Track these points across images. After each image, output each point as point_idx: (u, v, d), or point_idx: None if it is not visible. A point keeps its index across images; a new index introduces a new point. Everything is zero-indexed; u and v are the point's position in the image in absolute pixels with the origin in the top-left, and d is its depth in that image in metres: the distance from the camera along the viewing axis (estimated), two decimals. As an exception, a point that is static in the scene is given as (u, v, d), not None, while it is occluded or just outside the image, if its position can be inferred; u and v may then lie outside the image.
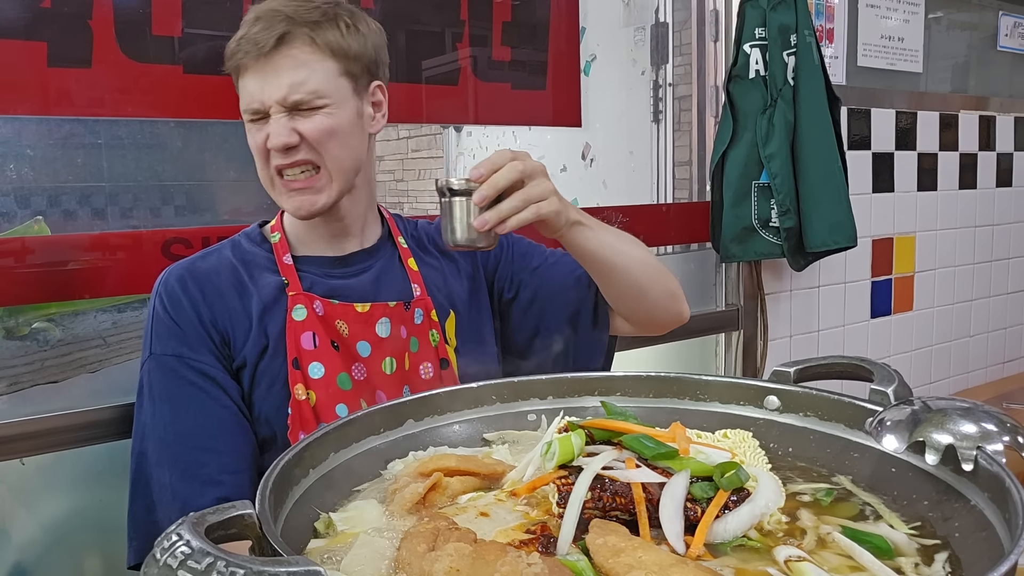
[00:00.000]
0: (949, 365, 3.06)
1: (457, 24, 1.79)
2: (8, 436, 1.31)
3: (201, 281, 1.24)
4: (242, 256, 1.28)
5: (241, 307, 1.24)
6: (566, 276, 1.37)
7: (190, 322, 1.21)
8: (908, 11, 2.80)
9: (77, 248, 1.37)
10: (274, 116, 1.18)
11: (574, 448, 0.73)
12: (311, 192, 1.22)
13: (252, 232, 1.33)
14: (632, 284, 1.26)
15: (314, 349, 1.21)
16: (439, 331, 1.30)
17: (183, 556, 0.49)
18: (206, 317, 1.21)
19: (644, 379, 0.93)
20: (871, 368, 0.84)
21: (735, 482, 0.68)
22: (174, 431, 1.16)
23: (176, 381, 1.18)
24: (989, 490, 0.64)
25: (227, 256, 1.28)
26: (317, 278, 1.27)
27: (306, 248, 1.31)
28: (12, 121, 1.42)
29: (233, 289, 1.25)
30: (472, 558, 0.59)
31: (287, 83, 1.16)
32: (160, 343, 1.20)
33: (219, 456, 1.16)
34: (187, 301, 1.22)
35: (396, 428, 0.87)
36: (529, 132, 2.99)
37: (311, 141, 1.19)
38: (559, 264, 1.39)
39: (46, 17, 1.32)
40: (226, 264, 1.27)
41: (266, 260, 1.28)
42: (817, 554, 0.65)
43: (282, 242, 1.29)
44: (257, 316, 1.23)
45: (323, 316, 1.23)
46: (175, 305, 1.22)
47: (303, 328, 1.22)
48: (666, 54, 2.45)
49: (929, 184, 2.92)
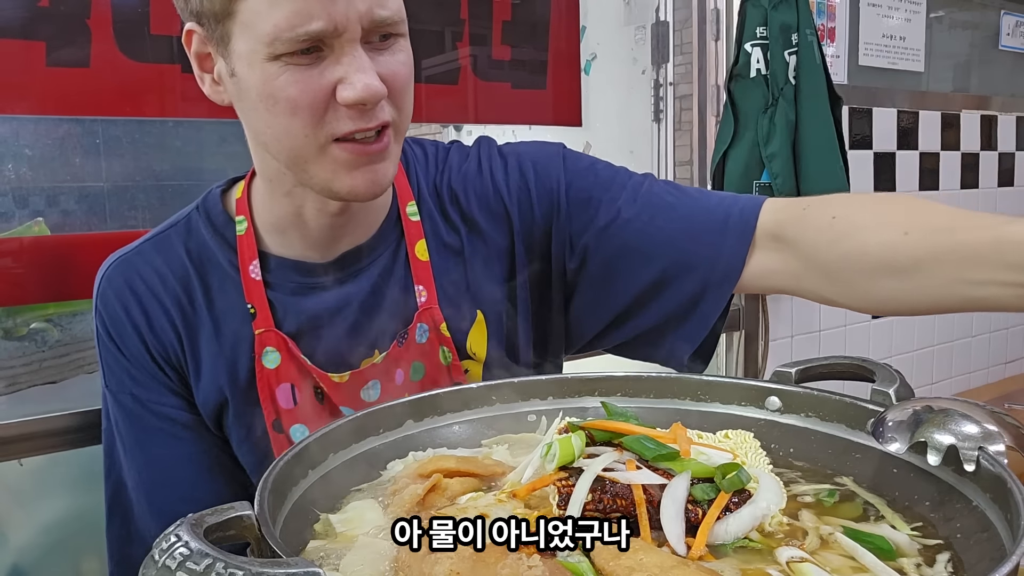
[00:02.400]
0: (951, 365, 3.06)
1: (457, 23, 1.79)
2: (6, 437, 1.31)
3: (143, 298, 0.98)
4: (198, 251, 0.99)
5: (189, 341, 0.98)
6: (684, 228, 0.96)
7: (138, 356, 0.98)
8: (910, 10, 2.80)
9: (76, 248, 1.37)
10: (349, 47, 0.81)
11: (574, 450, 0.72)
12: (383, 165, 0.87)
13: (212, 206, 1.01)
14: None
15: (294, 407, 0.97)
16: (450, 347, 1.01)
17: (182, 557, 0.49)
18: (155, 350, 0.98)
19: (644, 379, 0.92)
20: (873, 368, 0.84)
21: (736, 484, 0.68)
22: (150, 480, 1.00)
23: (140, 424, 1.00)
24: (991, 491, 0.64)
25: (177, 251, 1.00)
26: (291, 300, 0.98)
27: (282, 245, 0.99)
28: (10, 121, 1.41)
29: (178, 311, 0.98)
30: (473, 560, 0.58)
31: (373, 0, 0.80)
32: (113, 378, 1.00)
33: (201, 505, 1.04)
34: (130, 326, 0.98)
35: (396, 429, 0.86)
36: (529, 132, 2.98)
37: (395, 90, 0.85)
38: (657, 209, 0.98)
39: (44, 16, 1.32)
40: (175, 264, 0.99)
41: (227, 263, 0.99)
42: (819, 555, 0.64)
43: (249, 236, 0.98)
44: (212, 358, 0.97)
45: (301, 361, 0.97)
46: (118, 330, 0.99)
47: (278, 379, 0.96)
48: (667, 53, 2.44)
49: (931, 184, 2.92)
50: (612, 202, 1.00)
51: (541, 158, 1.06)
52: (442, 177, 1.05)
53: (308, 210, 0.96)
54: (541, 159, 1.06)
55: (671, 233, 0.98)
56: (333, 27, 0.79)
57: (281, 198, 0.97)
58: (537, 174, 1.05)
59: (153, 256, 1.00)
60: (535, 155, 1.07)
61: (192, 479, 1.01)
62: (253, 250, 0.98)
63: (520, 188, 1.04)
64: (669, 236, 0.98)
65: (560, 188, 1.03)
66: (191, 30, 0.89)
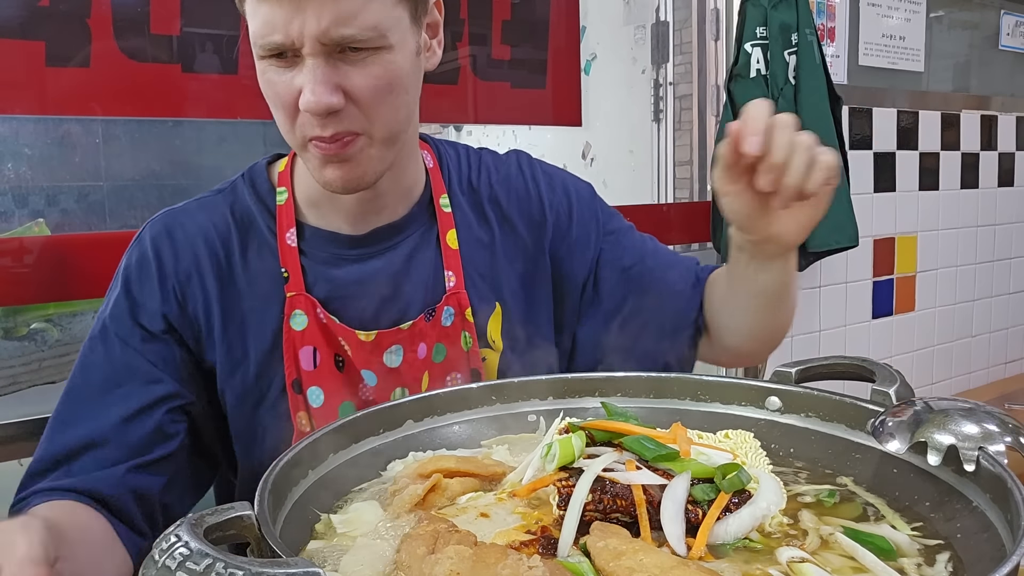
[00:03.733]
0: (951, 365, 3.06)
1: (457, 23, 1.79)
2: (6, 437, 1.31)
3: (178, 245, 1.01)
4: (241, 213, 1.04)
5: (219, 295, 1.01)
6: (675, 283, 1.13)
7: (153, 315, 1.00)
8: (909, 10, 2.80)
9: (76, 248, 1.37)
10: (309, 59, 0.85)
11: (575, 450, 0.72)
12: (352, 165, 0.92)
13: (258, 175, 1.07)
14: (780, 322, 1.07)
15: (314, 369, 1.00)
16: (472, 334, 1.06)
17: (182, 557, 0.49)
18: (173, 298, 1.00)
19: (644, 379, 0.92)
20: (873, 368, 0.84)
21: (736, 484, 0.68)
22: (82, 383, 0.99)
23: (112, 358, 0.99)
24: (991, 491, 0.64)
25: (222, 211, 1.04)
26: (322, 268, 1.03)
27: (318, 218, 1.04)
28: (10, 121, 1.42)
29: (213, 265, 1.01)
30: (473, 560, 0.58)
31: (332, 10, 0.83)
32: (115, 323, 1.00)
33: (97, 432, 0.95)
34: (155, 267, 1.00)
35: (396, 429, 0.86)
36: (529, 131, 2.99)
37: (361, 102, 0.89)
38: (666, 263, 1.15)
39: (44, 16, 1.32)
40: (219, 221, 1.03)
41: (266, 228, 1.04)
42: (819, 555, 0.64)
43: (288, 206, 1.03)
44: (241, 315, 1.01)
45: (326, 324, 1.01)
46: (142, 271, 1.01)
47: (302, 341, 1.00)
48: (667, 53, 2.45)
49: (931, 184, 2.92)
50: (635, 248, 1.16)
51: (583, 189, 1.20)
52: (479, 176, 1.14)
53: None
54: (584, 190, 1.20)
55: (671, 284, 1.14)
56: (291, 42, 0.84)
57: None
58: (580, 199, 1.17)
59: (198, 213, 1.04)
60: (577, 183, 1.20)
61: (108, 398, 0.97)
62: (291, 219, 1.03)
63: (562, 204, 1.16)
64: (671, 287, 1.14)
65: (599, 222, 1.17)
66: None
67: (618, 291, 1.14)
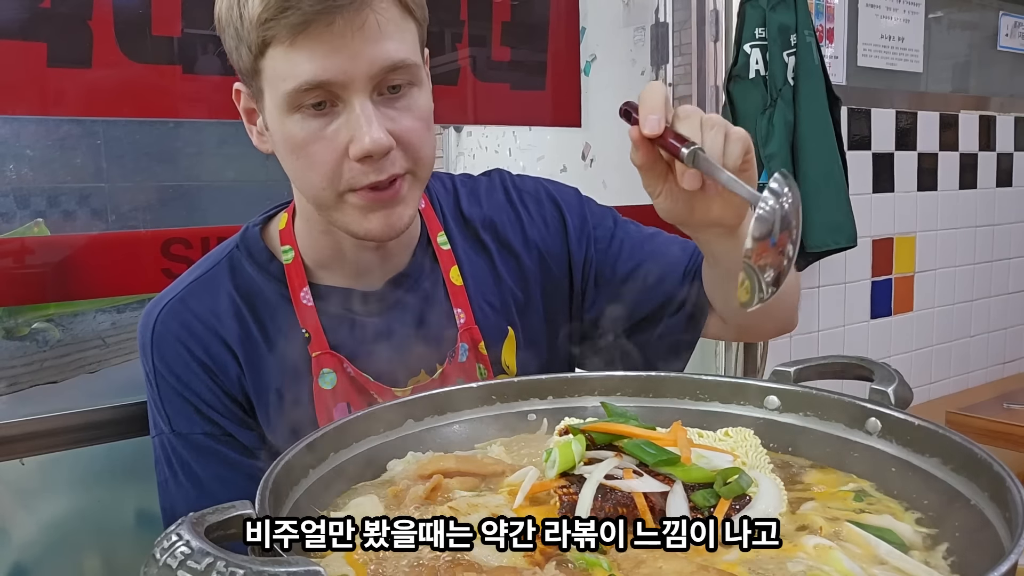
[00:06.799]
0: (949, 365, 3.06)
1: (456, 24, 1.79)
2: (7, 436, 1.31)
3: (203, 337, 0.99)
4: (246, 288, 1.02)
5: (251, 372, 1.00)
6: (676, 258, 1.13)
7: (207, 394, 0.99)
8: (908, 11, 2.80)
9: (76, 248, 1.37)
10: (357, 102, 0.84)
11: (574, 456, 0.72)
12: (399, 208, 0.91)
13: (253, 243, 1.04)
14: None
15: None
16: (486, 364, 1.08)
17: (183, 556, 0.49)
18: (223, 385, 1.00)
19: (644, 379, 0.93)
20: (871, 367, 0.84)
21: (736, 490, 0.68)
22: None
23: (217, 458, 1.00)
24: (989, 489, 0.64)
25: (226, 289, 1.02)
26: (342, 326, 1.01)
27: (328, 276, 1.03)
28: (11, 122, 1.42)
29: (239, 344, 1.00)
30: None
31: (379, 51, 0.82)
32: (182, 420, 0.99)
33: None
34: (196, 365, 0.99)
35: (396, 428, 0.86)
36: (529, 132, 2.99)
37: (405, 142, 0.88)
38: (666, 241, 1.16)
39: (45, 17, 1.32)
40: (226, 302, 1.01)
41: (276, 295, 1.02)
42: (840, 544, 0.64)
43: (297, 265, 1.02)
44: (273, 385, 1.00)
45: (355, 378, 1.01)
46: (184, 371, 0.99)
47: (335, 399, 1.00)
48: (666, 54, 2.45)
49: (929, 184, 2.92)
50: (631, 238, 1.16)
51: (569, 194, 1.20)
52: (468, 204, 1.13)
53: (346, 245, 1.01)
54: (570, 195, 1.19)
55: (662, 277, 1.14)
56: (340, 80, 0.82)
57: (319, 236, 1.02)
58: (569, 206, 1.17)
59: (203, 296, 1.02)
60: (561, 190, 1.20)
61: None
62: (303, 278, 1.02)
63: (553, 216, 1.16)
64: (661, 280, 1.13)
65: (590, 223, 1.16)
66: (239, 89, 0.96)
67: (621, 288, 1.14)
